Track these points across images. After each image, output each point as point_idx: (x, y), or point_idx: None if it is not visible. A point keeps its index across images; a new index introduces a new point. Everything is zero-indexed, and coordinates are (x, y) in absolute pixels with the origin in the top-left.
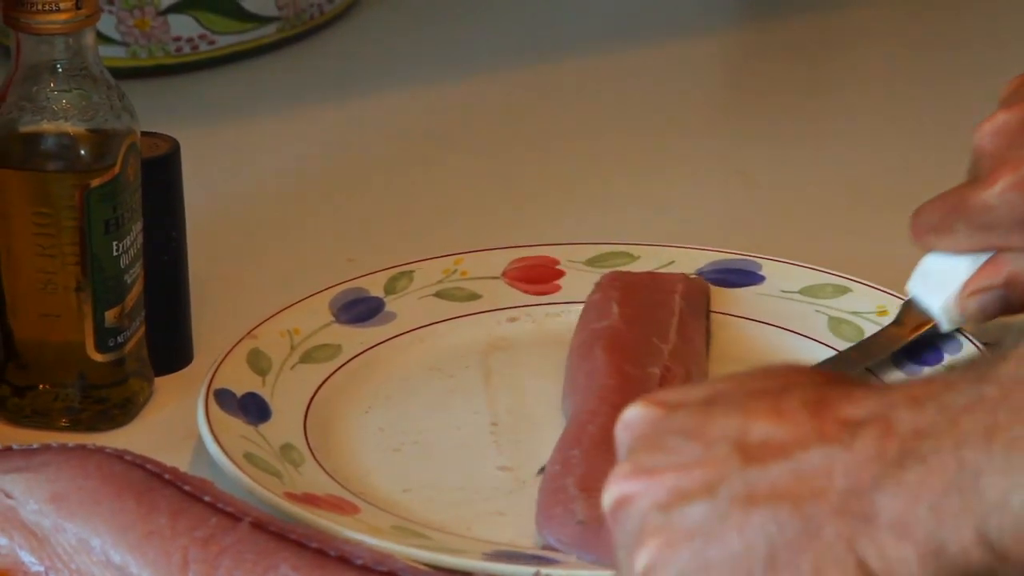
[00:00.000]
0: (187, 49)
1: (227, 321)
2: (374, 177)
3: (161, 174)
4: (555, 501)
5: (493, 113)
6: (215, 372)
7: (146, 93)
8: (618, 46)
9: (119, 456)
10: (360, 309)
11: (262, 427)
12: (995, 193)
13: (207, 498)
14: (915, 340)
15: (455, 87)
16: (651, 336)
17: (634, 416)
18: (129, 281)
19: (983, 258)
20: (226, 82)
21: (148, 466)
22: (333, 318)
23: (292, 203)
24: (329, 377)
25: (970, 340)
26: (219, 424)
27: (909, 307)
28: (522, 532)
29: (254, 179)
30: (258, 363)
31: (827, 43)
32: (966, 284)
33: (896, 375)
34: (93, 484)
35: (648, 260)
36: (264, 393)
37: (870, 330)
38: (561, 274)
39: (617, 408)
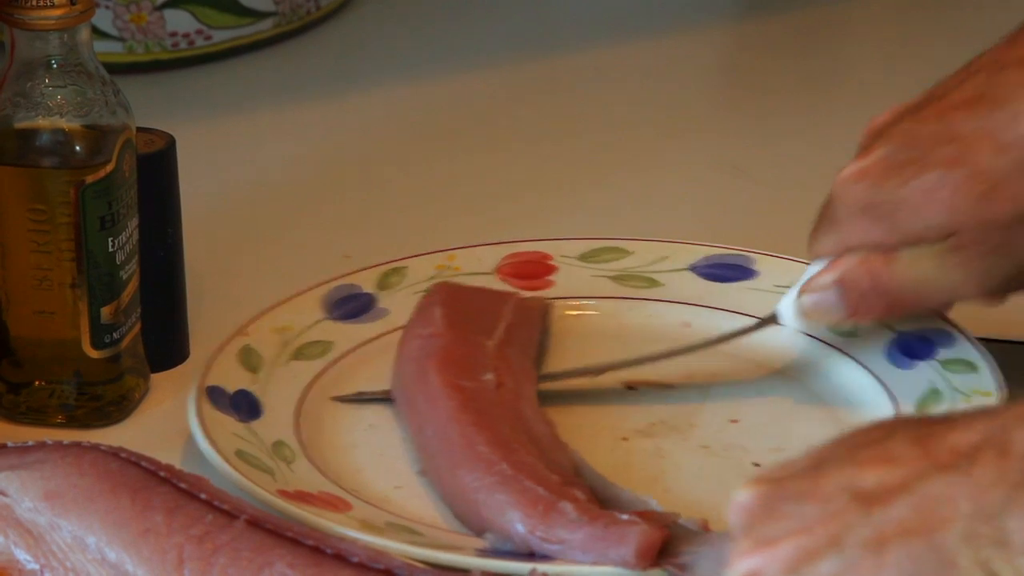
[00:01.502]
0: (183, 44)
1: (223, 318)
2: (371, 172)
3: (157, 170)
4: (531, 500)
5: (489, 108)
6: (207, 370)
7: (142, 88)
8: (613, 42)
9: (114, 453)
10: (352, 305)
11: (253, 424)
12: (838, 181)
13: (203, 495)
14: (910, 332)
15: (451, 82)
16: (476, 334)
17: (744, 498)
18: (125, 277)
19: (831, 259)
20: (222, 77)
21: (143, 463)
22: (325, 315)
23: (289, 198)
24: (321, 374)
25: (963, 334)
26: (211, 422)
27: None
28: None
29: (251, 174)
30: (249, 360)
31: (821, 38)
32: (805, 283)
33: (887, 368)
34: (88, 482)
35: (642, 255)
36: (255, 390)
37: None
38: (554, 269)
39: (472, 423)
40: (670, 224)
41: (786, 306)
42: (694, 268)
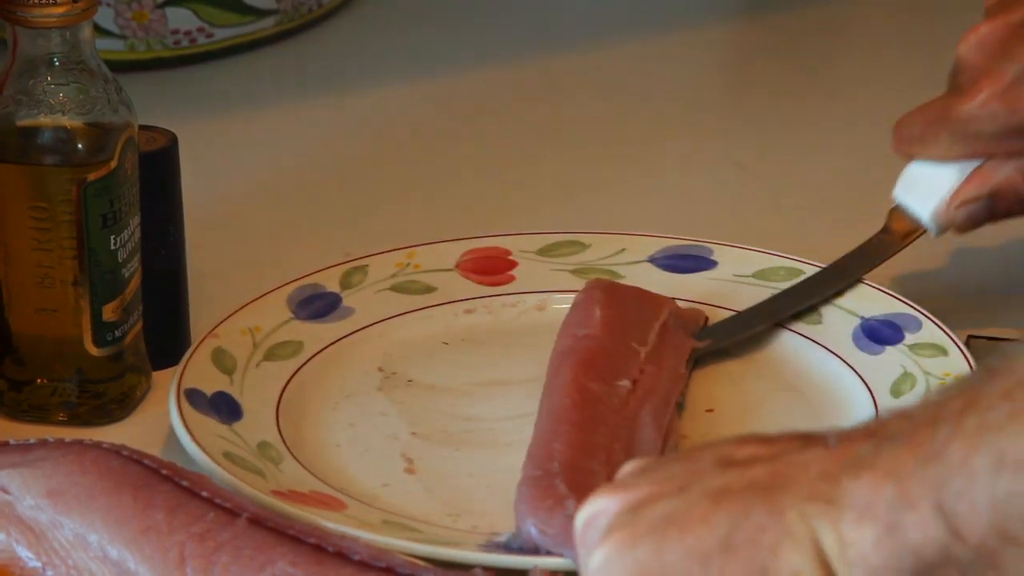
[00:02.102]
0: (185, 42)
1: (225, 315)
2: (373, 170)
3: (159, 168)
4: (545, 495)
5: (491, 107)
6: (183, 372)
7: (144, 86)
8: (614, 42)
9: (116, 451)
10: (318, 305)
11: (236, 426)
12: (977, 104)
13: (204, 493)
14: (875, 318)
15: (453, 80)
16: (631, 340)
17: (630, 465)
18: (127, 275)
19: (968, 167)
20: (224, 75)
21: (145, 461)
22: (292, 315)
23: (291, 196)
24: (295, 374)
25: (936, 324)
26: (195, 424)
27: (896, 214)
28: (504, 525)
29: (253, 172)
30: (223, 362)
31: (822, 38)
32: (954, 194)
33: (855, 354)
34: (90, 479)
35: (599, 248)
36: (233, 392)
37: (827, 312)
38: (514, 264)
39: (571, 420)
40: (670, 223)
41: (934, 218)
42: (653, 260)
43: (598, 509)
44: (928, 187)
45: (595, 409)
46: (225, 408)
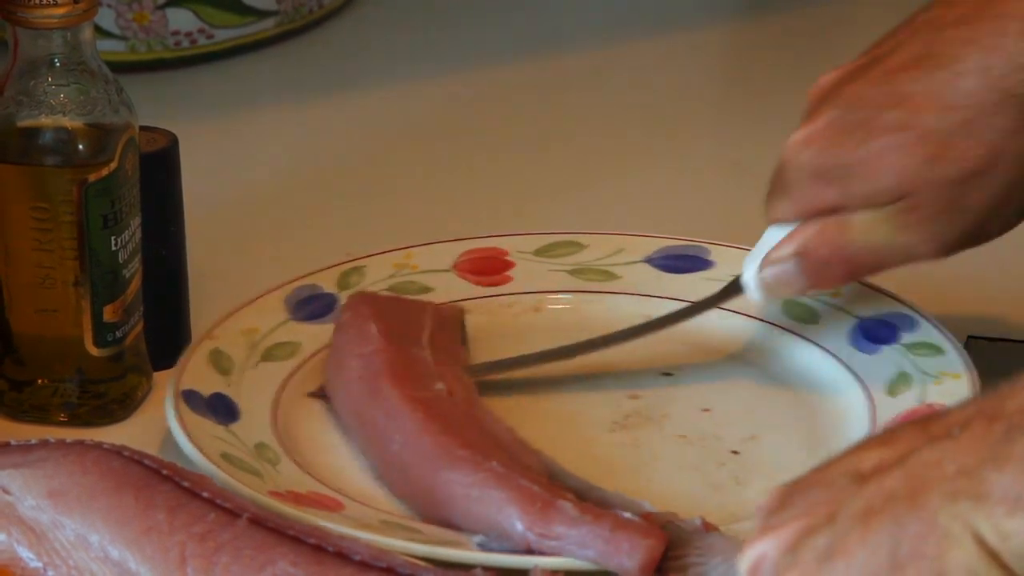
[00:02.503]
0: (186, 43)
1: (223, 316)
2: (373, 171)
3: (160, 169)
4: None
5: (491, 107)
6: (180, 373)
7: (145, 87)
8: (614, 43)
9: (117, 452)
10: (315, 306)
11: (233, 427)
12: (787, 149)
13: (205, 494)
14: (871, 318)
15: (453, 81)
16: (410, 346)
17: (763, 500)
18: (127, 276)
19: (791, 226)
20: (225, 76)
21: (146, 462)
22: (289, 315)
23: (291, 197)
24: (292, 375)
25: (932, 324)
26: (192, 425)
27: (735, 281)
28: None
29: (253, 173)
30: (220, 363)
31: (821, 38)
32: (765, 255)
33: (852, 353)
34: (91, 480)
35: (597, 248)
36: (230, 393)
37: (823, 311)
38: (511, 265)
39: (442, 431)
40: (669, 224)
41: (748, 278)
42: (650, 260)
43: (759, 555)
44: (759, 251)
45: (443, 415)
46: (222, 409)
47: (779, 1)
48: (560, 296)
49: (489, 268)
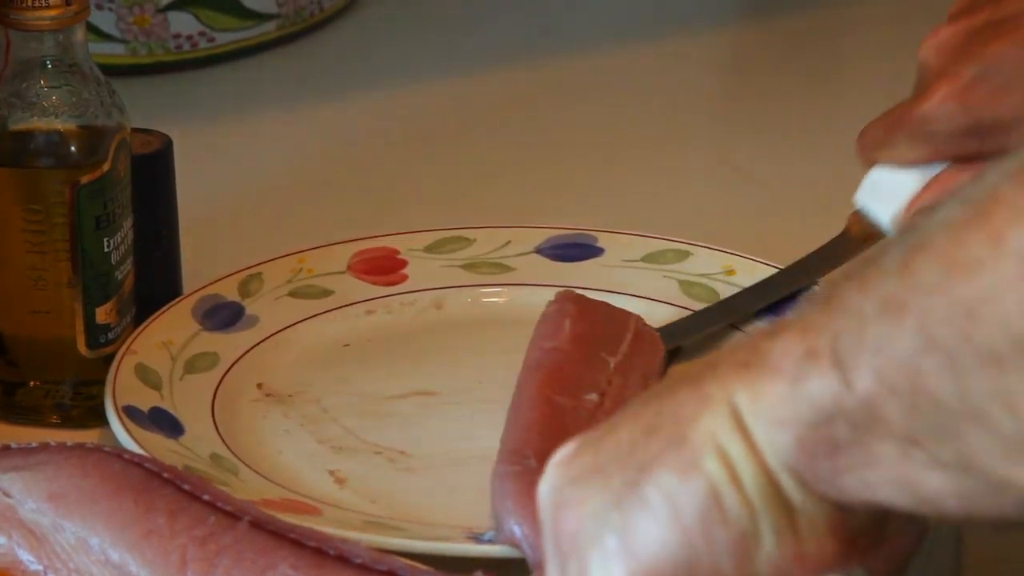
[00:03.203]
0: (187, 46)
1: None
2: (373, 175)
3: (153, 170)
4: (528, 492)
5: (493, 109)
6: (114, 389)
7: (145, 90)
8: (614, 44)
9: (118, 455)
10: (223, 315)
11: (182, 440)
12: (933, 104)
13: (206, 497)
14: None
15: (454, 84)
16: (600, 352)
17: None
18: (120, 277)
19: (929, 172)
20: (226, 80)
21: (147, 465)
22: (200, 326)
23: (291, 201)
24: (219, 385)
25: None
26: (145, 440)
27: (857, 218)
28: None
29: (254, 177)
30: (148, 377)
31: (822, 38)
32: (912, 200)
33: None
34: (91, 483)
35: (485, 242)
36: (166, 406)
37: (722, 290)
38: (404, 263)
39: (539, 430)
40: (671, 224)
41: (894, 222)
42: (540, 250)
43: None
44: (889, 192)
45: (562, 421)
46: (166, 423)
47: (781, 5)
48: (460, 291)
49: (384, 267)
